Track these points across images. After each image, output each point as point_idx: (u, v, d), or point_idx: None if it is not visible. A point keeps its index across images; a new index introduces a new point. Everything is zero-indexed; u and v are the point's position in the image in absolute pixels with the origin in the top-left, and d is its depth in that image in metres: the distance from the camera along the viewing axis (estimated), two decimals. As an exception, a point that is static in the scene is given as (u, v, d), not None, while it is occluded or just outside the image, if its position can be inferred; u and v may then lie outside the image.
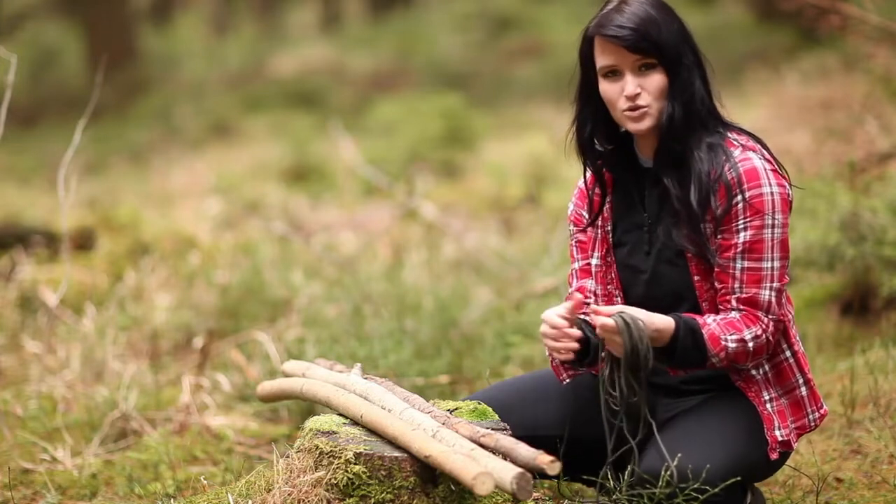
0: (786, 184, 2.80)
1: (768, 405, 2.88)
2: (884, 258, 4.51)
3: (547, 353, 2.94)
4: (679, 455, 2.69)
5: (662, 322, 2.72)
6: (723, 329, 2.75)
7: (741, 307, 2.78)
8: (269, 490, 2.76)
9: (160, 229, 7.78)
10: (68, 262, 5.11)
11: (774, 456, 2.87)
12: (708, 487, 2.66)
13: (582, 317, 2.99)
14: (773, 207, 2.76)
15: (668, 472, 2.66)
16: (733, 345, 2.74)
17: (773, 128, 7.50)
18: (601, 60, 2.81)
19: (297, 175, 10.54)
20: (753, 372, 2.88)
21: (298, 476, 2.69)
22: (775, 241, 2.77)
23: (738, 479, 2.70)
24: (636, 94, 2.78)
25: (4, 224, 7.28)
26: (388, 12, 21.98)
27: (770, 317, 2.78)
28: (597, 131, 2.91)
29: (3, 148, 11.41)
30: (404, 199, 7.87)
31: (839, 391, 3.91)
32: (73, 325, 5.26)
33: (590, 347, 2.88)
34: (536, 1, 18.97)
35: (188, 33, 23.37)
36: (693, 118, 2.81)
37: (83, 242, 7.05)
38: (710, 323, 2.75)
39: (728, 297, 2.79)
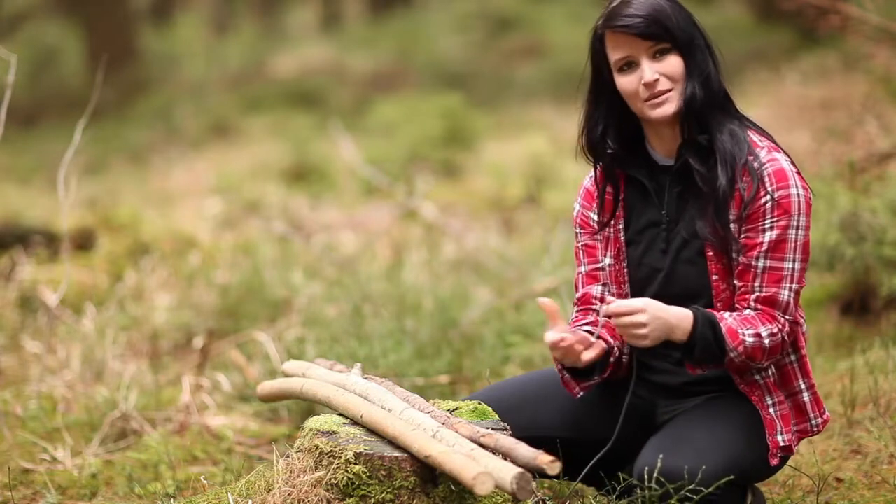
0: (808, 187, 2.82)
1: (771, 409, 2.87)
2: (884, 258, 4.51)
3: (557, 368, 2.93)
4: (672, 456, 2.68)
5: (681, 313, 2.72)
6: (740, 324, 2.75)
7: (759, 306, 2.78)
8: (269, 490, 2.76)
9: (160, 229, 7.78)
10: (68, 262, 5.11)
11: (775, 462, 2.87)
12: (702, 489, 2.65)
13: (589, 328, 2.97)
14: (799, 209, 2.77)
15: (659, 472, 2.66)
16: (751, 339, 2.74)
17: (773, 128, 7.45)
18: (615, 54, 2.81)
19: (297, 175, 10.54)
20: (757, 377, 2.87)
21: (298, 476, 2.69)
22: (798, 243, 2.78)
23: (731, 478, 2.69)
24: (655, 81, 2.78)
25: (4, 224, 7.28)
26: (388, 12, 21.96)
27: (787, 317, 2.79)
28: (609, 132, 2.90)
29: (3, 148, 11.40)
30: (404, 199, 7.87)
31: (839, 391, 3.91)
32: (73, 325, 5.26)
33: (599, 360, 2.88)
34: (536, 1, 18.96)
35: (188, 33, 23.34)
36: (713, 99, 2.81)
37: (83, 242, 7.05)
38: (727, 318, 2.76)
39: (747, 297, 2.79)
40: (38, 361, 4.78)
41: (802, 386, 2.92)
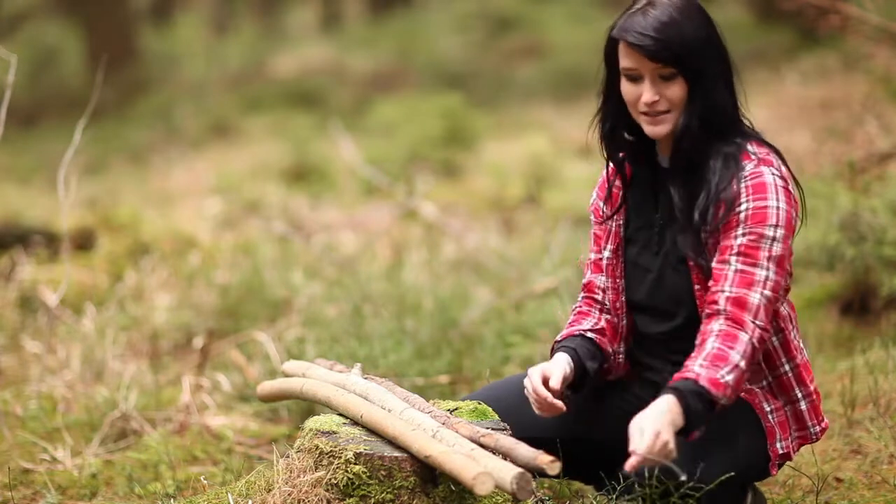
0: (795, 206, 2.76)
1: (770, 416, 2.86)
2: (884, 258, 4.51)
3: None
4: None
5: (664, 404, 2.57)
6: (713, 367, 2.63)
7: (728, 307, 2.69)
8: (269, 490, 2.76)
9: (160, 229, 7.77)
10: (68, 262, 5.11)
11: (774, 472, 2.86)
12: (700, 486, 2.65)
13: (572, 345, 2.95)
14: (777, 221, 2.71)
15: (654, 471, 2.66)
16: (730, 376, 2.63)
17: (773, 128, 7.50)
18: (623, 62, 2.80)
19: (297, 175, 10.53)
20: (753, 385, 2.87)
21: (298, 476, 2.69)
22: (773, 254, 2.71)
23: (730, 475, 2.69)
24: (655, 102, 2.77)
25: (4, 224, 7.27)
26: (388, 12, 21.96)
27: (757, 322, 2.69)
28: (619, 126, 2.89)
29: (3, 148, 11.40)
30: (404, 199, 7.87)
31: (839, 391, 3.91)
32: (73, 325, 5.26)
33: (586, 377, 2.89)
34: (536, 1, 18.96)
35: (188, 33, 23.34)
36: (710, 128, 2.78)
37: (83, 242, 7.04)
38: (699, 371, 2.62)
39: (717, 297, 2.71)
40: (38, 361, 4.78)
41: (799, 395, 2.90)
